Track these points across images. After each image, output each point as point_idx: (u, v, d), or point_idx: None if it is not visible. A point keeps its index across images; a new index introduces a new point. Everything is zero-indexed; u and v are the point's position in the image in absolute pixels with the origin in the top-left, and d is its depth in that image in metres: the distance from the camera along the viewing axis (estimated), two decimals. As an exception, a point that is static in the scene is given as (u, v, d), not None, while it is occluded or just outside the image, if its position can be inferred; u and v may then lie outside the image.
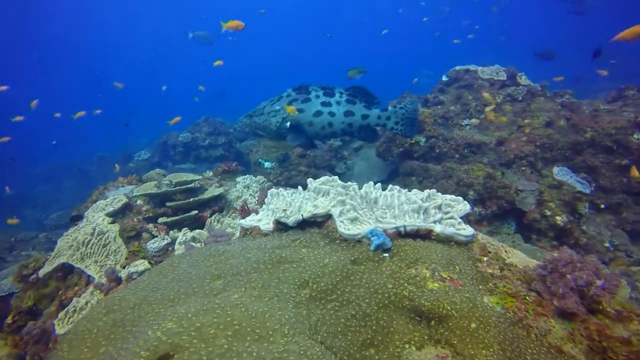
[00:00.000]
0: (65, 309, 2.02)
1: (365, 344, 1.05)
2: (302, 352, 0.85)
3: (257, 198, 2.73)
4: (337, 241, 1.43)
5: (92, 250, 2.35)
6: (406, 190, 1.67)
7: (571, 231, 3.00)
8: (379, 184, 1.70)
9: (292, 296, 1.14)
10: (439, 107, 4.56)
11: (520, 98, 4.21)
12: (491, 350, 0.99)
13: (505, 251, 1.44)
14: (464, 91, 4.56)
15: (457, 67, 4.81)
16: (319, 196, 1.62)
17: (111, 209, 2.64)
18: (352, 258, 1.33)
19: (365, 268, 1.30)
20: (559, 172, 3.58)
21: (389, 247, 1.36)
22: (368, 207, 1.55)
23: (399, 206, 1.49)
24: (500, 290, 1.22)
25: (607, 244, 3.13)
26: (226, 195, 2.82)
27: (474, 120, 4.24)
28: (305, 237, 1.45)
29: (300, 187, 1.74)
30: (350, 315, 1.11)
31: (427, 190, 1.67)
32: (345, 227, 1.42)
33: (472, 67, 4.72)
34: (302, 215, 1.50)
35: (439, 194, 1.64)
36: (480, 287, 1.23)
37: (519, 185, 3.51)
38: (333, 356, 0.95)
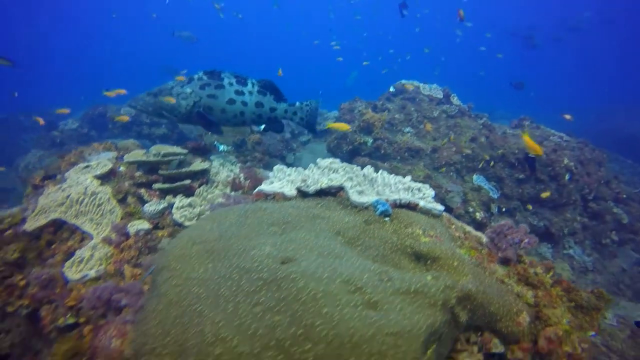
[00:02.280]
0: (72, 259, 2.11)
1: (386, 273, 1.50)
2: (360, 264, 1.28)
3: (242, 174, 3.00)
4: (349, 207, 1.86)
5: (86, 209, 2.43)
6: (393, 174, 2.16)
7: (486, 225, 3.82)
8: (370, 167, 2.17)
9: (331, 239, 1.54)
10: (386, 113, 5.22)
11: (452, 115, 5.05)
12: (468, 277, 1.51)
13: (462, 225, 2.02)
14: (407, 102, 5.28)
15: (403, 81, 5.53)
16: (331, 173, 2.03)
17: (99, 172, 2.71)
18: (364, 219, 1.78)
19: (374, 227, 1.75)
20: (477, 179, 4.43)
21: (389, 213, 1.82)
22: (370, 184, 2.00)
23: (394, 185, 1.98)
24: (466, 246, 1.78)
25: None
26: (209, 169, 3.05)
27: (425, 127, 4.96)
28: (324, 203, 1.86)
29: (312, 165, 2.13)
30: (374, 255, 1.55)
31: (408, 176, 2.19)
32: (356, 197, 1.86)
33: (415, 83, 5.47)
34: (320, 186, 1.90)
35: (419, 184, 2.17)
36: (453, 243, 1.77)
37: (448, 186, 4.28)
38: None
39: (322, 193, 1.93)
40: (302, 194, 1.93)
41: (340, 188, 1.92)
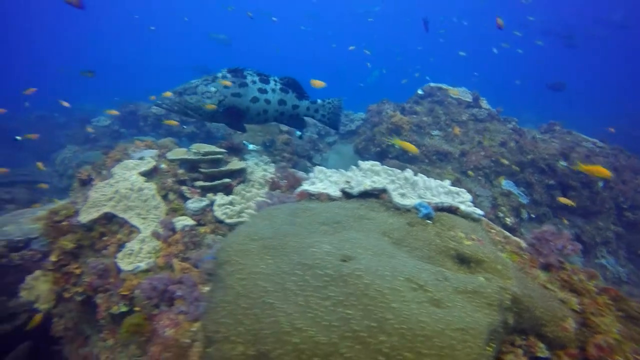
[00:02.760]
0: (123, 251, 2.24)
1: (432, 274, 1.55)
2: (414, 263, 1.33)
3: (276, 174, 3.09)
4: (392, 209, 1.91)
5: (134, 204, 2.56)
6: (432, 178, 2.20)
7: (516, 230, 3.80)
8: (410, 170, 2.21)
9: (380, 239, 1.60)
10: (414, 116, 5.23)
11: (481, 118, 5.03)
12: (512, 281, 1.54)
13: (501, 230, 2.04)
14: (435, 105, 5.28)
15: (431, 84, 5.53)
16: (372, 175, 2.09)
17: (143, 168, 2.84)
18: (407, 221, 1.83)
19: (418, 229, 1.80)
20: (506, 184, 4.41)
21: (432, 216, 1.87)
22: (411, 186, 2.05)
23: (435, 188, 2.02)
24: (507, 250, 1.81)
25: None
26: (246, 169, 3.14)
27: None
28: (368, 204, 1.91)
29: (354, 167, 2.20)
30: (420, 256, 1.60)
31: (447, 180, 2.22)
32: (399, 199, 1.91)
33: (443, 86, 5.47)
34: (364, 188, 1.96)
35: (456, 187, 2.20)
36: (494, 247, 1.80)
37: (477, 191, 4.27)
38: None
39: (365, 195, 1.98)
40: (346, 195, 1.99)
41: (383, 190, 1.98)
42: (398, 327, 0.90)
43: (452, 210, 1.96)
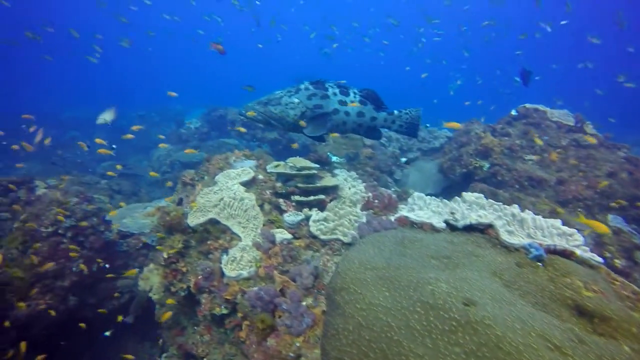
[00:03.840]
0: (227, 257, 2.43)
1: (550, 325, 1.47)
2: (540, 316, 1.27)
3: (370, 193, 3.12)
4: (498, 246, 1.85)
5: (235, 212, 2.76)
6: (539, 215, 2.08)
7: (629, 275, 3.41)
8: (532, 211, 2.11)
9: (492, 280, 1.55)
10: (506, 138, 4.96)
11: (585, 145, 4.61)
12: (646, 346, 1.41)
13: (629, 283, 1.86)
14: (530, 128, 4.95)
15: (527, 105, 5.20)
16: (477, 208, 2.03)
17: (244, 178, 3.06)
18: (516, 261, 1.75)
19: (527, 271, 1.71)
20: (613, 220, 3.98)
21: (543, 258, 1.77)
22: (519, 224, 1.96)
23: (547, 229, 1.91)
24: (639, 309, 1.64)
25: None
26: (338, 185, 3.22)
27: (536, 157, 4.63)
28: (474, 239, 1.87)
29: (457, 198, 2.16)
30: (533, 302, 1.52)
31: (554, 219, 2.09)
32: (507, 237, 1.84)
33: (541, 107, 5.11)
34: (470, 222, 1.91)
35: (565, 227, 2.06)
36: (621, 303, 1.65)
37: (576, 224, 3.92)
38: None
39: (470, 229, 1.94)
40: (450, 227, 1.96)
41: (489, 226, 1.91)
42: (544, 393, 0.88)
43: (566, 254, 1.83)
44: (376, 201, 2.87)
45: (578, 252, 1.83)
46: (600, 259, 1.82)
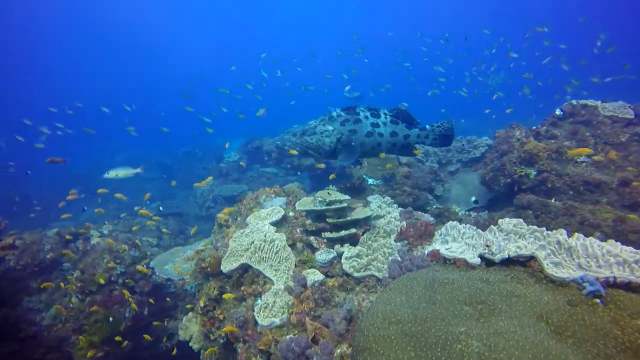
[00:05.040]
0: (259, 305, 2.40)
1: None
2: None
3: (402, 220, 2.98)
4: (544, 281, 1.64)
5: (266, 255, 2.74)
6: (594, 239, 1.84)
7: None
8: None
9: (537, 328, 1.37)
10: (552, 141, 4.58)
11: (648, 139, 4.14)
12: None
13: None
14: (580, 127, 4.55)
15: (573, 101, 4.80)
16: (517, 237, 1.84)
17: (274, 218, 3.04)
18: (567, 299, 1.54)
19: (582, 311, 1.49)
20: (693, 221, 3.48)
21: (601, 294, 1.54)
22: (567, 253, 1.74)
23: (602, 257, 1.67)
24: None
25: None
26: (371, 215, 3.11)
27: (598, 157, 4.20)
28: (514, 274, 1.68)
29: (493, 227, 1.97)
30: (594, 354, 1.32)
31: (610, 241, 1.83)
32: (552, 270, 1.63)
33: (590, 102, 4.69)
34: (508, 254, 1.73)
35: (627, 247, 1.79)
36: None
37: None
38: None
39: (509, 262, 1.75)
40: (487, 261, 1.79)
41: (531, 257, 1.72)
42: None
43: (632, 287, 1.59)
44: (411, 230, 2.72)
45: (644, 282, 1.58)
46: (674, 289, 1.56)
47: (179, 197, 11.29)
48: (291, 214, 3.16)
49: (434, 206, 5.15)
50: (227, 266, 2.75)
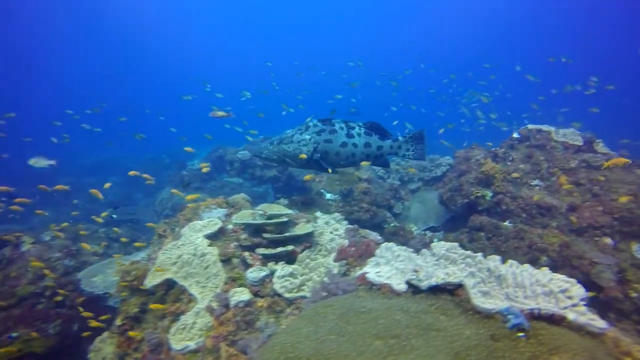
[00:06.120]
0: (177, 325, 2.17)
1: None
2: None
3: (344, 238, 2.84)
4: (470, 312, 1.51)
5: (195, 270, 2.52)
6: (527, 266, 1.73)
7: (659, 316, 2.94)
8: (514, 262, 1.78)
9: (451, 369, 1.23)
10: (509, 163, 4.60)
11: (596, 165, 4.19)
12: None
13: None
14: (535, 151, 4.59)
15: (530, 126, 4.85)
16: (447, 263, 1.72)
17: (209, 231, 2.82)
18: (490, 332, 1.41)
19: (505, 345, 1.37)
20: (639, 250, 3.51)
21: (525, 328, 1.42)
22: (497, 282, 1.63)
23: (530, 287, 1.57)
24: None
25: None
26: (314, 232, 2.95)
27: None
28: (440, 304, 1.54)
29: (426, 250, 1.85)
30: (508, 397, 1.18)
31: (545, 269, 1.74)
32: (479, 300, 1.51)
33: (545, 128, 4.75)
34: (436, 282, 1.60)
35: (557, 275, 1.70)
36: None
37: (594, 257, 3.47)
38: None
39: (436, 290, 1.62)
40: (414, 288, 1.65)
41: (460, 285, 1.59)
42: None
43: (555, 319, 1.48)
44: (352, 249, 2.57)
45: (571, 316, 1.47)
46: (602, 325, 1.46)
47: (142, 204, 10.84)
48: (230, 227, 2.96)
49: (392, 224, 5.06)
50: (150, 281, 2.51)
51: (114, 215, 7.41)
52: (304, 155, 3.45)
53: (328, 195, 5.13)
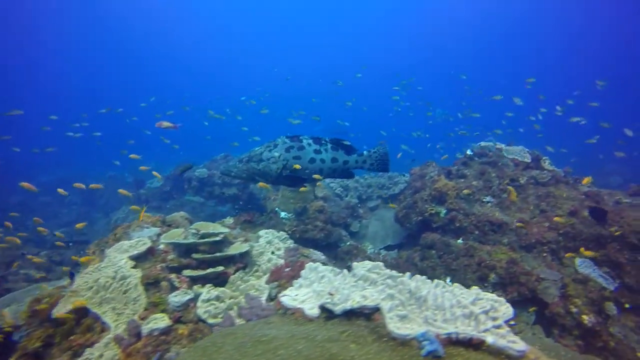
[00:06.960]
0: (80, 360, 1.93)
1: None
2: None
3: (283, 258, 2.68)
4: (385, 339, 1.39)
5: (112, 296, 2.28)
6: (453, 286, 1.64)
7: (599, 334, 2.90)
8: (423, 278, 1.68)
9: (347, 407, 1.09)
10: (462, 180, 4.61)
11: (543, 182, 4.26)
12: None
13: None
14: (487, 167, 4.62)
15: (483, 143, 4.91)
16: (367, 285, 1.59)
17: (135, 252, 2.60)
18: (403, 362, 1.29)
19: (416, 377, 1.25)
20: (582, 264, 3.53)
21: (440, 355, 1.31)
22: (417, 304, 1.51)
23: (450, 309, 1.46)
24: None
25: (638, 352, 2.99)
26: (251, 251, 2.78)
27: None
28: (353, 330, 1.41)
29: (346, 271, 1.72)
30: None
31: (474, 289, 1.64)
32: (395, 325, 1.38)
33: (497, 145, 4.82)
34: (351, 305, 1.47)
35: (486, 294, 1.61)
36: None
37: (541, 273, 3.46)
38: None
39: (351, 314, 1.49)
40: (328, 312, 1.51)
41: (377, 309, 1.47)
42: None
43: (473, 344, 1.37)
44: (286, 269, 2.42)
45: (490, 339, 1.37)
46: (521, 347, 1.36)
47: (100, 223, 10.31)
48: (162, 247, 2.74)
49: (348, 243, 4.93)
50: (59, 309, 2.26)
51: (56, 233, 6.94)
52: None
53: (282, 214, 4.96)
